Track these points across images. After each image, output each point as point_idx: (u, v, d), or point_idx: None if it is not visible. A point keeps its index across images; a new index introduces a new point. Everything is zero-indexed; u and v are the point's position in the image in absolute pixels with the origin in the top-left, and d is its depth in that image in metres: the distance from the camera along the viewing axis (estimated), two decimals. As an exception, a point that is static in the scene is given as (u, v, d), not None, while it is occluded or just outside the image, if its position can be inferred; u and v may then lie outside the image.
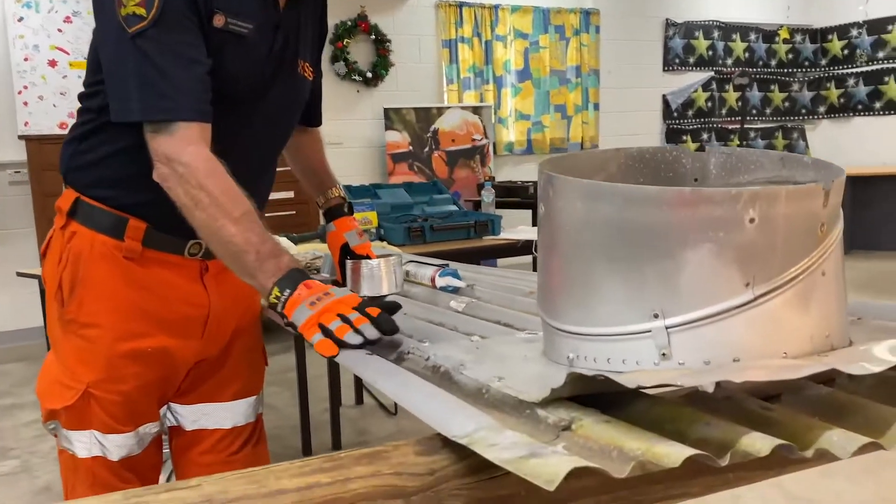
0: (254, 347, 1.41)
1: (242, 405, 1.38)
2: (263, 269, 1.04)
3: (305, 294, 1.02)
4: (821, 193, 0.79)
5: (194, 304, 1.24)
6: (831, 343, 0.81)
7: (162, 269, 1.20)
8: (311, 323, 1.01)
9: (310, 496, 0.64)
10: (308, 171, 1.59)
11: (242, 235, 1.04)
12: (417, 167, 5.27)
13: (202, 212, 1.05)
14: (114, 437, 1.20)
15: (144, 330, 1.19)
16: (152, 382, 1.23)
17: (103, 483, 1.21)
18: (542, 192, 0.91)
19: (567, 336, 0.87)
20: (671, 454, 0.57)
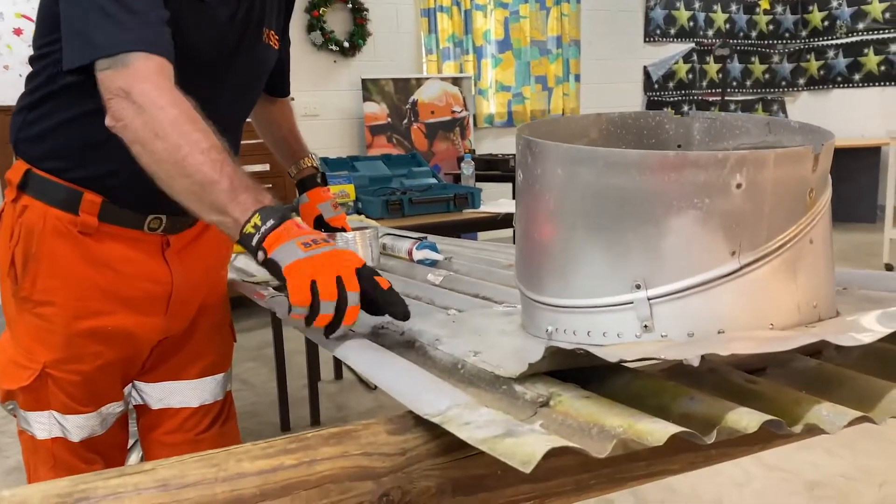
0: (221, 324, 1.36)
1: (210, 383, 1.33)
2: (238, 200, 0.87)
3: (296, 231, 0.85)
4: (810, 157, 0.75)
5: (155, 280, 1.19)
6: (819, 313, 0.79)
7: (120, 245, 1.14)
8: (303, 274, 0.82)
9: (273, 479, 0.61)
10: (279, 142, 1.54)
11: (212, 164, 0.88)
12: (396, 139, 5.19)
13: (162, 141, 0.89)
14: (74, 417, 1.16)
15: (103, 308, 1.14)
16: (113, 362, 1.18)
17: (65, 465, 1.17)
18: (521, 158, 0.87)
19: (545, 308, 0.84)
20: (654, 432, 0.54)
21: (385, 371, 0.77)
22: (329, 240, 0.88)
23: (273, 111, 1.51)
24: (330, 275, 0.82)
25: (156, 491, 0.58)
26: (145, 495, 0.58)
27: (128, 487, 0.58)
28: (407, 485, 0.64)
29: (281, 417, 2.88)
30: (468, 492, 0.66)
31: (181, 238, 1.21)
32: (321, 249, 0.84)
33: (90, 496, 0.57)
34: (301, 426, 2.90)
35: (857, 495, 2.19)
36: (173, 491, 0.58)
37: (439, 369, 0.82)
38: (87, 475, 0.60)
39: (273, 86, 1.45)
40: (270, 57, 1.28)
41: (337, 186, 2.98)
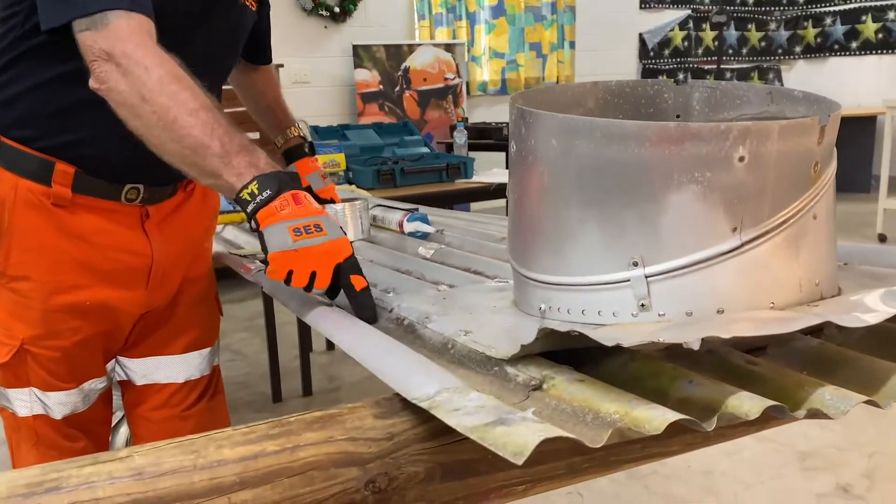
0: (205, 297, 1.32)
1: (196, 357, 1.30)
2: (232, 163, 0.86)
3: (290, 211, 0.85)
4: (816, 129, 0.72)
5: (135, 253, 1.15)
6: (821, 291, 0.76)
7: (96, 217, 1.10)
8: (284, 264, 0.86)
9: (254, 467, 0.58)
10: (263, 111, 1.49)
11: (203, 126, 0.86)
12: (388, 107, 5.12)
13: (150, 105, 0.86)
14: (55, 394, 1.13)
15: (81, 282, 1.10)
16: (94, 337, 1.15)
17: (47, 442, 1.14)
18: (514, 129, 0.83)
19: (539, 286, 0.81)
20: (652, 419, 0.52)
21: (372, 351, 0.74)
22: (321, 227, 0.87)
23: (256, 79, 1.46)
24: (306, 269, 0.86)
25: (130, 480, 0.55)
26: (119, 484, 0.55)
27: (101, 476, 0.55)
28: (394, 471, 0.61)
29: (273, 388, 2.87)
30: (458, 477, 0.64)
31: (161, 209, 1.17)
32: (309, 242, 0.86)
33: (61, 486, 0.54)
34: (293, 397, 2.89)
35: (847, 466, 2.20)
36: (149, 479, 0.56)
37: (429, 349, 0.79)
38: (60, 462, 0.57)
39: (253, 52, 1.40)
40: (247, 20, 1.23)
41: (327, 156, 2.94)
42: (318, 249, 0.86)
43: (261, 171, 0.87)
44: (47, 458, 1.15)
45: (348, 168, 2.97)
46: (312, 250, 0.86)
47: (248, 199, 0.86)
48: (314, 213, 0.88)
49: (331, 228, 0.88)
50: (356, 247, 1.48)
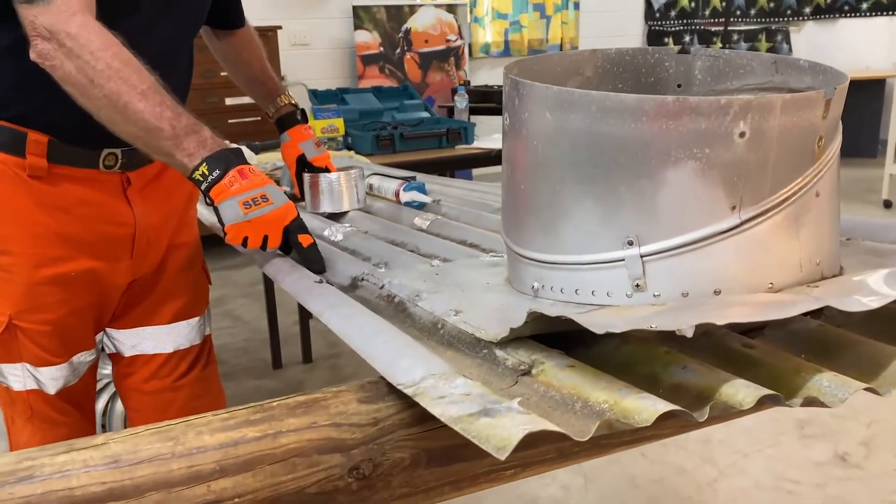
0: (192, 265, 1.30)
1: (184, 327, 1.29)
2: (182, 146, 0.93)
3: (239, 186, 0.94)
4: (821, 103, 0.69)
5: (117, 222, 1.13)
6: (821, 271, 0.74)
7: (76, 187, 1.07)
8: (240, 232, 0.97)
9: (234, 454, 0.57)
10: (251, 82, 1.45)
11: (152, 110, 0.91)
12: (389, 70, 5.04)
13: (100, 89, 0.90)
14: (47, 369, 1.12)
15: (64, 254, 1.08)
16: (82, 309, 1.13)
17: (41, 416, 1.14)
18: (507, 101, 0.80)
19: (532, 264, 0.79)
20: (642, 410, 0.50)
21: (359, 331, 0.73)
22: (267, 197, 0.97)
23: (236, 47, 1.41)
24: (259, 233, 0.98)
25: (106, 468, 0.54)
26: (94, 473, 0.54)
27: (76, 464, 0.54)
28: (379, 457, 0.60)
29: (273, 355, 2.87)
30: (444, 462, 0.62)
31: (142, 175, 1.14)
32: (259, 212, 0.96)
33: (34, 475, 0.53)
34: (293, 363, 2.89)
35: (846, 433, 2.20)
36: (125, 468, 0.54)
37: (418, 328, 0.78)
38: (34, 450, 0.56)
39: (223, 16, 1.34)
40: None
41: (326, 120, 2.89)
42: (267, 217, 0.97)
43: (209, 149, 0.94)
44: (41, 432, 1.15)
45: (347, 133, 2.93)
46: (262, 218, 0.96)
47: (201, 180, 0.94)
48: (260, 184, 0.96)
49: (276, 197, 0.98)
50: (351, 216, 1.46)
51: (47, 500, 0.52)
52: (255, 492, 0.56)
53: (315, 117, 2.89)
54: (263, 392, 2.64)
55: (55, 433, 1.16)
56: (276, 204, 0.97)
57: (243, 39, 1.42)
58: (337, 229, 1.30)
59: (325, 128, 2.89)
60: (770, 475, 2.03)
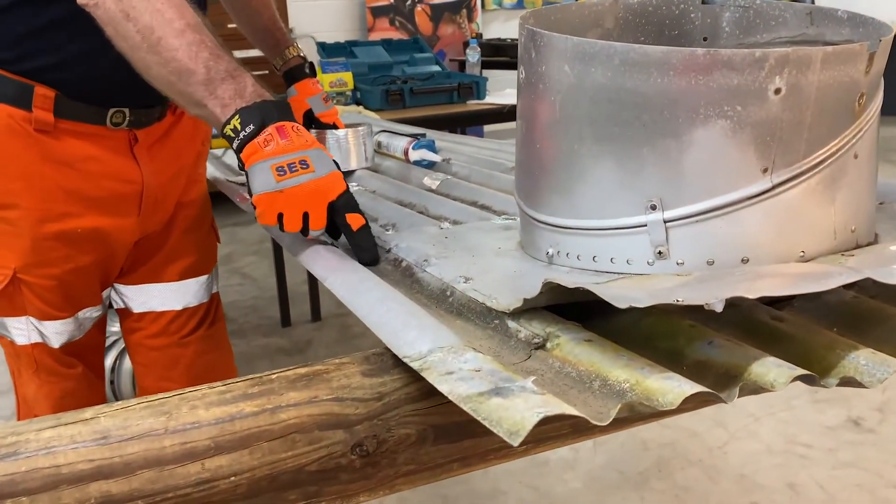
0: (201, 224, 1.28)
1: (193, 285, 1.27)
2: (217, 93, 0.81)
3: (275, 147, 0.80)
4: (864, 56, 0.64)
5: (124, 179, 1.10)
6: (856, 239, 0.69)
7: (82, 143, 1.05)
8: (273, 206, 0.82)
9: (230, 430, 0.54)
10: (260, 32, 1.40)
11: (188, 49, 0.81)
12: (399, 22, 4.93)
13: (134, 23, 0.82)
14: (51, 323, 1.11)
15: (70, 210, 1.07)
16: (88, 266, 1.12)
17: (47, 369, 1.14)
18: (523, 53, 0.75)
19: (547, 228, 0.74)
20: (667, 392, 0.46)
21: (364, 298, 0.69)
22: (308, 163, 0.80)
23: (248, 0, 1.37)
24: (297, 211, 0.81)
25: (94, 444, 0.51)
26: (82, 450, 0.51)
27: (63, 440, 0.51)
28: (383, 433, 0.57)
29: (281, 313, 2.85)
30: (452, 439, 0.59)
31: (150, 133, 1.11)
32: (295, 181, 0.80)
33: (19, 451, 0.50)
34: (302, 322, 2.88)
35: (859, 398, 2.17)
36: (115, 444, 0.51)
37: (426, 295, 0.74)
38: (19, 424, 0.53)
39: None
40: None
41: (334, 74, 2.83)
42: (305, 188, 0.80)
43: (246, 100, 0.81)
44: (48, 385, 1.15)
45: (356, 87, 2.86)
46: (299, 190, 0.80)
47: (233, 136, 0.81)
48: (301, 147, 0.81)
49: (319, 164, 0.81)
50: (358, 175, 1.41)
51: (32, 478, 0.49)
52: (251, 470, 0.53)
53: (323, 71, 2.82)
54: (272, 350, 2.63)
55: (62, 386, 1.16)
56: (318, 173, 0.80)
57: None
58: (344, 188, 1.26)
59: (333, 82, 2.82)
60: (781, 439, 2.01)
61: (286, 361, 2.60)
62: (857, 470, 1.89)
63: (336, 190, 0.82)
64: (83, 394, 1.19)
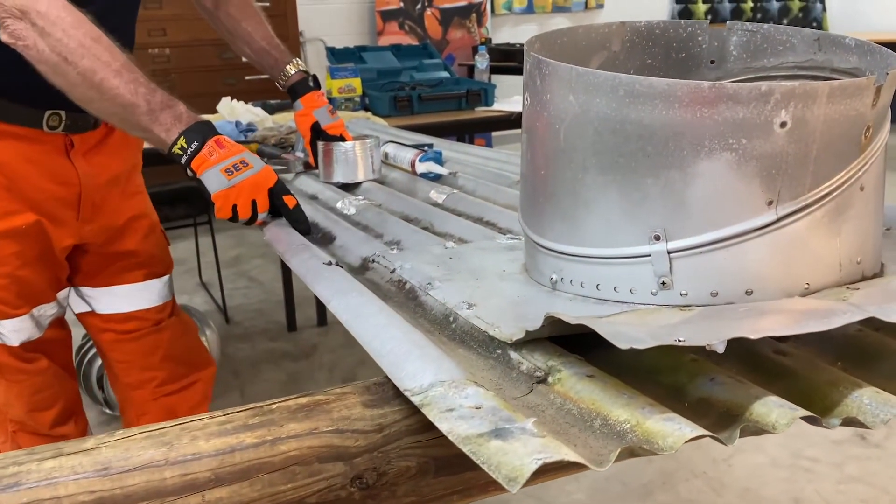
0: (152, 230, 1.33)
1: (157, 284, 1.33)
2: (159, 121, 0.96)
3: (218, 155, 0.98)
4: (871, 90, 0.63)
5: (62, 182, 1.14)
6: (862, 271, 0.69)
7: (20, 145, 1.08)
8: (228, 200, 0.99)
9: (230, 461, 0.54)
10: (258, 53, 1.41)
11: (127, 87, 0.94)
12: (409, 26, 4.93)
13: (74, 66, 0.92)
14: (8, 322, 1.14)
15: (14, 208, 1.10)
16: (35, 259, 1.15)
17: (12, 368, 1.17)
18: (528, 79, 0.75)
19: (551, 255, 0.74)
20: (667, 434, 0.46)
21: (366, 323, 0.69)
22: (247, 162, 0.99)
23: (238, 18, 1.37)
24: (247, 199, 1.00)
25: (95, 476, 0.51)
26: (83, 481, 0.51)
27: (64, 471, 0.51)
28: (383, 465, 0.57)
29: (287, 317, 2.86)
30: (453, 471, 0.59)
31: (85, 140, 1.15)
32: (241, 176, 0.98)
33: (20, 482, 0.50)
34: (308, 326, 2.88)
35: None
36: (115, 476, 0.52)
37: (429, 320, 0.74)
38: (20, 453, 0.53)
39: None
40: None
41: (343, 80, 2.83)
42: (250, 181, 0.99)
43: (185, 123, 0.97)
44: (17, 384, 1.19)
45: (364, 94, 2.86)
46: (245, 183, 0.98)
47: (180, 153, 0.97)
48: (237, 152, 0.99)
49: (255, 161, 1.00)
50: (365, 187, 1.42)
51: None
52: (252, 502, 0.53)
53: (332, 77, 2.83)
54: (277, 354, 2.64)
55: (31, 382, 1.20)
56: (256, 168, 1.00)
57: (239, 7, 1.37)
58: (350, 202, 1.26)
59: (342, 88, 2.82)
60: (787, 453, 2.00)
61: (292, 367, 2.61)
62: (863, 485, 1.88)
63: (271, 179, 1.02)
64: (54, 390, 1.23)
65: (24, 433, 1.21)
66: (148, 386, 1.33)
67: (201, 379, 1.38)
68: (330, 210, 1.24)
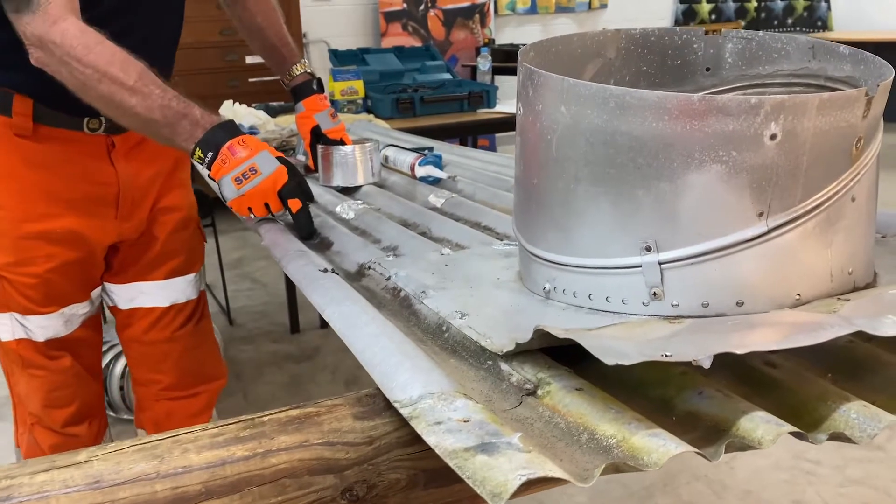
0: (186, 226, 1.32)
1: (180, 283, 1.32)
2: (178, 132, 1.00)
3: (230, 162, 1.01)
4: (862, 102, 0.63)
5: (101, 182, 1.15)
6: (854, 281, 0.69)
7: (61, 147, 1.11)
8: (242, 206, 1.05)
9: (221, 474, 0.54)
10: (268, 49, 1.42)
11: (143, 104, 0.97)
12: (412, 27, 4.93)
13: (94, 90, 0.97)
14: (34, 318, 1.15)
15: (50, 211, 1.12)
16: (68, 264, 1.16)
17: (34, 363, 1.18)
18: (521, 89, 0.75)
19: (544, 264, 0.75)
20: (652, 450, 0.46)
21: (359, 332, 0.69)
22: (256, 169, 1.01)
23: (254, 12, 1.38)
24: (260, 203, 1.05)
25: (87, 489, 0.52)
26: (75, 495, 0.51)
27: (56, 484, 0.52)
28: (374, 478, 0.57)
29: (290, 319, 2.86)
30: (443, 483, 0.59)
31: (127, 139, 1.16)
32: (249, 185, 1.02)
33: (12, 495, 0.51)
34: (311, 328, 2.88)
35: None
36: (107, 489, 0.52)
37: (422, 329, 0.74)
38: (13, 467, 0.53)
39: None
40: None
41: (345, 83, 2.84)
42: (258, 188, 1.02)
43: (202, 129, 0.99)
44: (36, 379, 1.19)
45: (367, 96, 2.87)
46: (254, 190, 1.02)
47: (200, 162, 1.01)
48: (248, 157, 1.01)
49: (265, 166, 1.02)
50: (365, 191, 1.42)
51: (25, 523, 0.50)
52: (242, 515, 0.54)
53: (335, 79, 2.84)
54: (280, 356, 2.64)
55: (50, 380, 1.20)
56: (264, 174, 1.02)
57: (258, 2, 1.38)
58: (349, 206, 1.26)
59: (344, 90, 2.83)
60: (789, 455, 2.00)
61: (294, 369, 2.61)
62: (865, 488, 1.87)
63: (280, 182, 1.03)
64: (72, 389, 1.23)
65: (41, 427, 1.23)
66: (153, 387, 1.35)
67: (207, 391, 1.38)
68: (329, 214, 1.25)
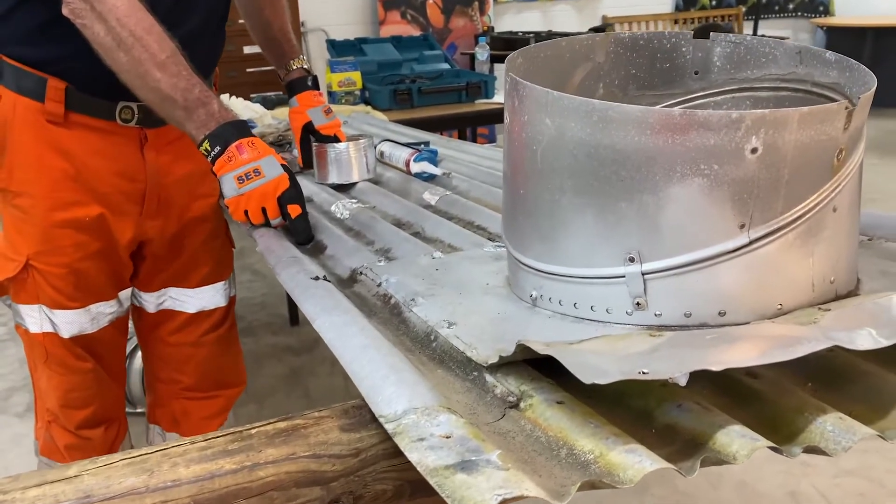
0: (216, 235, 1.33)
1: (209, 290, 1.33)
2: (192, 118, 1.00)
3: (236, 161, 1.00)
4: (843, 115, 0.64)
5: (129, 177, 1.15)
6: (836, 290, 0.70)
7: (92, 136, 1.10)
8: (238, 206, 1.04)
9: (209, 488, 0.55)
10: (269, 42, 1.42)
11: (169, 81, 0.97)
12: (411, 15, 4.91)
13: (125, 54, 0.96)
14: (62, 312, 1.15)
15: (78, 199, 1.11)
16: (96, 254, 1.15)
17: (57, 359, 1.18)
18: (508, 99, 0.76)
19: (531, 272, 0.75)
20: (628, 467, 0.47)
21: (348, 343, 0.70)
22: (260, 171, 1.01)
23: (262, 4, 1.38)
24: (257, 207, 1.04)
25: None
26: (66, 510, 0.53)
27: (47, 500, 0.53)
28: (360, 489, 0.58)
29: (290, 311, 2.88)
30: (428, 493, 0.60)
31: (161, 135, 1.16)
32: (251, 186, 1.02)
33: (6, 511, 0.52)
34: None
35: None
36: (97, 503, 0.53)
37: (411, 338, 0.75)
38: (5, 482, 0.55)
39: None
40: None
41: (343, 74, 2.83)
42: (259, 190, 1.02)
43: (217, 121, 0.99)
44: (58, 376, 1.19)
45: (365, 87, 2.87)
46: (254, 192, 1.02)
47: (206, 154, 1.00)
48: (255, 158, 1.01)
49: (269, 169, 1.02)
50: (360, 188, 1.43)
51: (17, 539, 0.51)
52: (230, 527, 0.55)
53: (332, 70, 2.83)
54: (280, 349, 2.66)
55: (70, 379, 1.20)
56: (267, 177, 1.02)
57: None
58: (344, 205, 1.27)
59: (342, 81, 2.83)
60: (784, 446, 2.01)
61: (294, 361, 2.63)
62: (860, 479, 1.89)
63: (281, 187, 1.03)
64: (91, 392, 1.23)
65: (57, 425, 1.23)
66: (174, 385, 1.36)
67: (226, 395, 1.39)
68: (324, 213, 1.25)
